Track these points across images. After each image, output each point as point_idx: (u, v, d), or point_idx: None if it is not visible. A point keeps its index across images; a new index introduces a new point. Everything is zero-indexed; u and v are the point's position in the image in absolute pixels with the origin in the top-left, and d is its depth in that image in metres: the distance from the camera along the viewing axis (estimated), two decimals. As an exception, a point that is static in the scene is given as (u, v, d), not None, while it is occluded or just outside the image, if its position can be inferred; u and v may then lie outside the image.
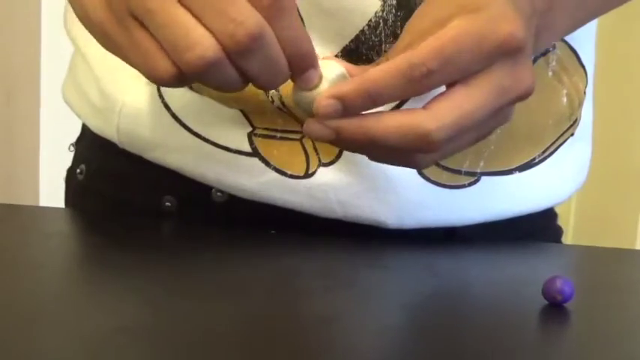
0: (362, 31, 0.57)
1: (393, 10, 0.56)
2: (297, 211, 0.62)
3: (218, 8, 0.41)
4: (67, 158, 0.74)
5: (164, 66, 0.43)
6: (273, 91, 0.58)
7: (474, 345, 0.42)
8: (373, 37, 0.57)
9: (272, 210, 0.62)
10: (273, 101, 0.58)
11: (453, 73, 0.45)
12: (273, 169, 0.61)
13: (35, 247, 0.55)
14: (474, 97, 0.46)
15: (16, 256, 0.52)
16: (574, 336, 0.46)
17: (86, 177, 0.70)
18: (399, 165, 0.50)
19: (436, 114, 0.45)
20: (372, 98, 0.45)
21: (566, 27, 0.56)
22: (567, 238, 0.81)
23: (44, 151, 1.80)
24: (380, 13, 0.56)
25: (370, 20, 0.56)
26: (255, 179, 0.61)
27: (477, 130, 0.48)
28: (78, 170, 0.71)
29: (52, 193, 0.84)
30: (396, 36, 0.57)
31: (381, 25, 0.56)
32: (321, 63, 0.47)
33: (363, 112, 0.46)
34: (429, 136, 0.45)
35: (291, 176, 0.61)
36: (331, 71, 0.47)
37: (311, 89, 0.47)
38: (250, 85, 0.58)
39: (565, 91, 0.64)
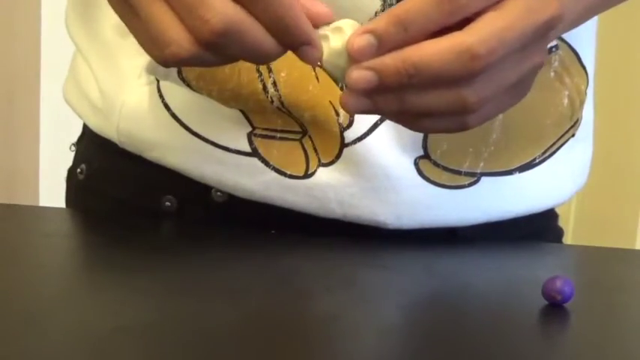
0: None
1: None
2: (296, 211, 0.62)
3: (188, 5, 0.42)
4: (67, 158, 0.74)
5: (154, 54, 0.44)
6: (273, 91, 0.58)
7: (473, 345, 0.42)
8: None
9: (272, 210, 0.62)
10: (272, 101, 0.58)
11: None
12: (272, 169, 0.61)
13: (35, 247, 0.55)
14: (506, 16, 0.44)
15: (16, 256, 0.52)
16: (574, 336, 0.46)
17: (87, 177, 0.70)
18: (445, 129, 0.48)
19: (474, 30, 0.44)
20: (406, 27, 0.43)
21: (578, 14, 0.55)
22: (567, 239, 0.81)
23: (44, 151, 1.80)
24: (380, 13, 0.56)
25: (370, 20, 0.56)
26: (254, 179, 0.61)
27: (517, 60, 0.46)
28: (78, 170, 0.71)
29: (52, 193, 0.84)
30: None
31: None
32: (335, 25, 0.46)
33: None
34: (472, 50, 0.43)
35: (291, 176, 0.61)
36: (349, 27, 0.45)
37: (317, 59, 0.45)
38: (250, 85, 0.58)
39: (566, 92, 0.63)
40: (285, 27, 0.43)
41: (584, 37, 0.64)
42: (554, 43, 0.62)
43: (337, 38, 0.45)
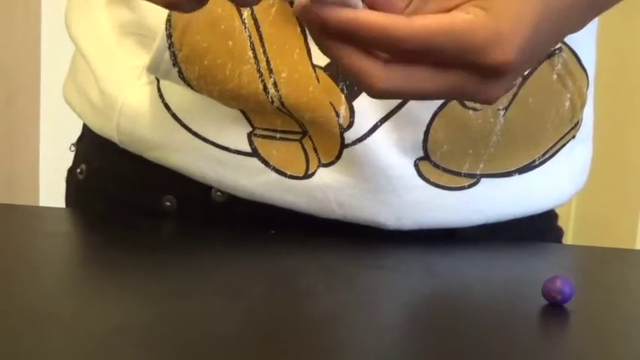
0: None
1: None
2: (296, 211, 0.62)
3: None
4: (67, 158, 0.74)
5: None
6: (274, 91, 0.58)
7: (473, 345, 0.42)
8: None
9: (272, 210, 0.62)
10: (273, 102, 0.58)
11: (428, 60, 0.43)
12: (272, 169, 0.61)
13: (35, 247, 0.55)
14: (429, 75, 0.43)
15: (16, 256, 0.52)
16: (574, 336, 0.46)
17: (87, 177, 0.70)
18: (467, 96, 0.45)
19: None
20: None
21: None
22: (567, 239, 0.81)
23: (44, 151, 1.80)
24: None
25: None
26: (254, 179, 0.61)
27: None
28: (78, 170, 0.71)
29: (52, 193, 0.84)
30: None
31: None
32: None
33: None
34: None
35: (291, 176, 0.61)
36: None
37: None
38: (250, 85, 0.58)
39: (568, 95, 0.63)
40: None
41: (584, 39, 0.64)
42: (557, 45, 0.62)
43: None
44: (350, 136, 0.59)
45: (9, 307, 0.42)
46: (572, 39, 0.62)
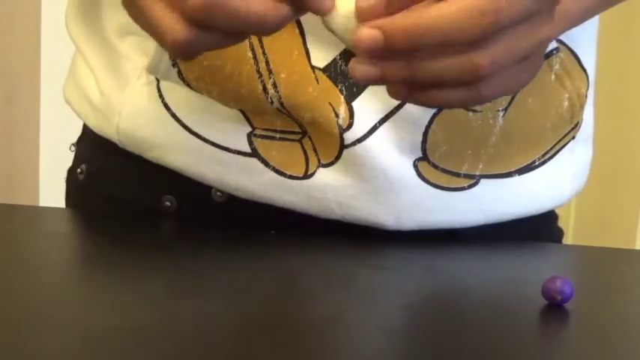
0: None
1: None
2: (296, 211, 0.62)
3: None
4: (67, 158, 0.74)
5: (168, 49, 0.45)
6: (273, 92, 0.58)
7: (474, 345, 0.42)
8: None
9: (272, 210, 0.62)
10: (272, 102, 0.58)
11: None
12: (272, 169, 0.61)
13: (35, 247, 0.55)
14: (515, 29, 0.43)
15: (16, 256, 0.52)
16: (574, 336, 0.46)
17: (87, 177, 0.70)
18: (459, 101, 0.46)
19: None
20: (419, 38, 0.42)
21: (578, 9, 0.54)
22: (567, 239, 0.81)
23: (44, 151, 1.80)
24: None
25: None
26: (254, 179, 0.61)
27: (525, 25, 0.44)
28: (78, 170, 0.71)
29: (52, 193, 0.84)
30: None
31: None
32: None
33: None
34: (480, 7, 0.42)
35: (291, 177, 0.61)
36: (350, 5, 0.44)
37: (329, 14, 0.43)
38: (250, 86, 0.58)
39: (567, 95, 0.63)
40: None
41: (584, 40, 0.64)
42: (554, 45, 0.62)
43: (345, 1, 0.43)
44: (349, 136, 0.59)
45: (9, 307, 0.42)
46: (571, 39, 0.62)
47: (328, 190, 0.61)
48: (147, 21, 0.45)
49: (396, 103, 0.59)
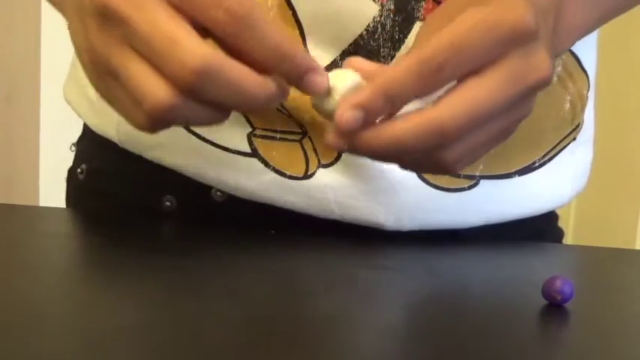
0: (360, 35, 0.57)
1: (391, 15, 0.56)
2: (296, 211, 0.62)
3: (162, 51, 0.41)
4: (67, 158, 0.74)
5: (138, 116, 0.44)
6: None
7: (474, 345, 0.42)
8: (372, 42, 0.57)
9: (272, 210, 0.62)
10: (272, 103, 0.58)
11: (465, 65, 0.44)
12: (272, 169, 0.61)
13: (35, 248, 0.55)
14: (486, 85, 0.45)
15: (16, 256, 0.52)
16: (574, 336, 0.46)
17: (87, 177, 0.70)
18: (428, 170, 0.49)
19: (448, 105, 0.44)
20: (390, 100, 0.44)
21: (585, 22, 0.55)
22: (567, 239, 0.80)
23: (44, 151, 1.80)
24: (378, 18, 0.56)
25: (368, 25, 0.56)
26: (254, 180, 0.61)
27: (496, 122, 0.46)
28: (78, 170, 0.71)
29: (52, 193, 0.84)
30: (394, 41, 0.57)
31: (379, 30, 0.57)
32: (334, 73, 0.46)
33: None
34: (443, 127, 0.44)
35: (290, 177, 0.61)
36: (345, 80, 0.46)
37: (322, 95, 0.45)
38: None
39: (568, 97, 0.63)
40: (283, 56, 0.43)
41: (585, 41, 0.64)
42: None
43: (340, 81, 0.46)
44: (349, 137, 0.59)
45: (8, 307, 0.42)
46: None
47: (328, 190, 0.60)
48: (126, 84, 0.43)
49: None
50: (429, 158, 0.46)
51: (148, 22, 0.41)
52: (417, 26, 0.57)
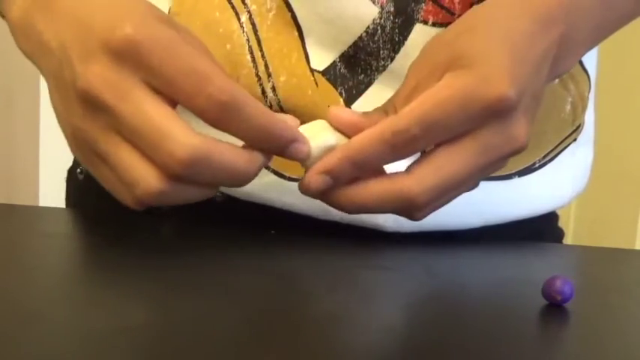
0: (360, 37, 0.57)
1: (391, 17, 0.56)
2: (296, 213, 0.62)
3: (150, 142, 0.42)
4: (67, 158, 0.74)
5: (127, 197, 0.45)
6: (272, 95, 0.58)
7: (473, 345, 0.42)
8: (371, 44, 0.57)
9: (271, 210, 0.62)
10: (271, 105, 0.58)
11: (438, 136, 0.46)
12: (271, 171, 0.61)
13: (35, 248, 0.55)
14: (459, 157, 0.46)
15: (16, 256, 0.52)
16: (574, 336, 0.46)
17: (87, 177, 0.70)
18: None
19: (419, 178, 0.46)
20: (359, 166, 0.46)
21: (592, 42, 0.55)
22: (567, 239, 0.80)
23: (44, 151, 1.80)
24: (378, 21, 0.56)
25: (368, 27, 0.56)
26: (254, 181, 0.61)
27: (467, 185, 0.48)
28: (78, 170, 0.71)
29: (52, 193, 0.84)
30: (393, 43, 0.57)
31: (379, 32, 0.57)
32: (309, 127, 0.48)
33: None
34: (413, 201, 0.46)
35: (290, 178, 0.61)
36: (320, 140, 0.48)
37: (308, 153, 0.48)
38: (249, 89, 0.58)
39: (570, 99, 0.63)
40: (268, 133, 0.45)
41: None
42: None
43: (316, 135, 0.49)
44: (348, 138, 0.59)
45: (8, 307, 0.42)
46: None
47: (328, 190, 0.60)
48: (115, 169, 0.44)
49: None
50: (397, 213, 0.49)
51: (134, 113, 0.42)
52: (416, 28, 0.57)
